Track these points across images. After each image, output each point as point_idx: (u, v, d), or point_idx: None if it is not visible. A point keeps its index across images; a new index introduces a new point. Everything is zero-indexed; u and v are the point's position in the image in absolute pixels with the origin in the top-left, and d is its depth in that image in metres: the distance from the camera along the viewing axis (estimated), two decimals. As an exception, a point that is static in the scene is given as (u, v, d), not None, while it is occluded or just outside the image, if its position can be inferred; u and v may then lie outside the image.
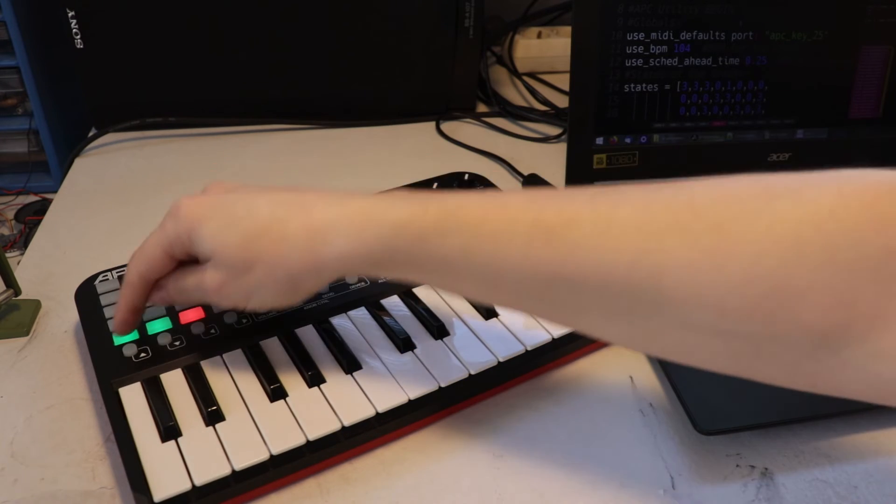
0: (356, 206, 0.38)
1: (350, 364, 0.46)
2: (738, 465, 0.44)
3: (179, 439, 0.42)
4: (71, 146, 0.79)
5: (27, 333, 0.53)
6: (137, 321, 0.46)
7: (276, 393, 0.44)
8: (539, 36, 0.98)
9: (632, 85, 0.67)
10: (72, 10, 0.73)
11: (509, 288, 0.36)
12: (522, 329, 0.49)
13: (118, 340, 0.48)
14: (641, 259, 0.32)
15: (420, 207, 0.37)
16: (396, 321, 0.50)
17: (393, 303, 0.51)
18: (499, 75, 0.96)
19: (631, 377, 0.50)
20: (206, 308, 0.50)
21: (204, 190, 0.44)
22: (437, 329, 0.49)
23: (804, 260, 0.29)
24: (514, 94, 0.92)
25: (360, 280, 0.52)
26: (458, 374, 0.46)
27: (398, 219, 0.37)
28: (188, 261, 0.43)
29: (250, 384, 0.45)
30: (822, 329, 0.30)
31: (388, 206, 0.37)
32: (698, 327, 0.32)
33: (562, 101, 0.87)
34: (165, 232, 0.42)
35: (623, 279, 0.32)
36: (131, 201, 0.70)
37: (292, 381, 0.45)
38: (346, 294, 0.51)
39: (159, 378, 0.45)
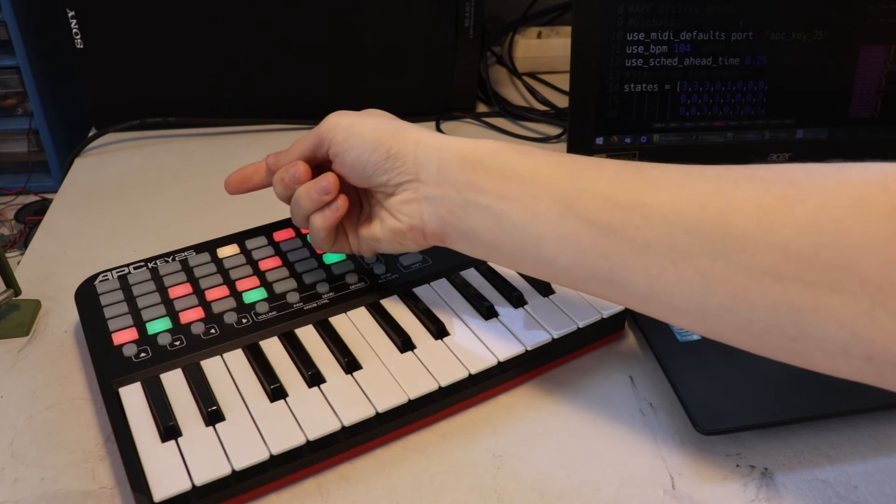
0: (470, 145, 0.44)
1: (350, 364, 0.46)
2: (738, 465, 0.44)
3: (179, 439, 0.42)
4: (71, 146, 0.79)
5: (27, 333, 0.53)
6: (260, 182, 0.53)
7: (276, 393, 0.44)
8: (539, 36, 0.98)
9: (632, 85, 0.67)
10: (72, 10, 0.73)
11: (585, 208, 0.38)
12: (522, 329, 0.49)
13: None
14: (715, 197, 0.35)
15: (512, 144, 0.43)
16: (396, 321, 0.50)
17: (393, 303, 0.51)
18: (499, 75, 0.96)
19: (631, 377, 0.50)
20: (206, 308, 0.50)
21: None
22: (437, 329, 0.49)
23: (867, 213, 0.31)
24: (514, 94, 0.92)
25: (361, 280, 0.52)
26: (458, 374, 0.46)
27: (495, 146, 0.43)
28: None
29: (250, 384, 0.45)
30: (881, 285, 0.30)
31: (495, 138, 0.43)
32: (762, 270, 0.33)
33: (562, 101, 0.87)
34: (307, 140, 0.48)
35: (695, 215, 0.35)
36: (131, 201, 0.70)
37: (292, 381, 0.45)
38: (346, 294, 0.51)
39: (159, 378, 0.45)
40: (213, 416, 0.43)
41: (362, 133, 0.45)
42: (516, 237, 0.41)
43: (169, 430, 0.42)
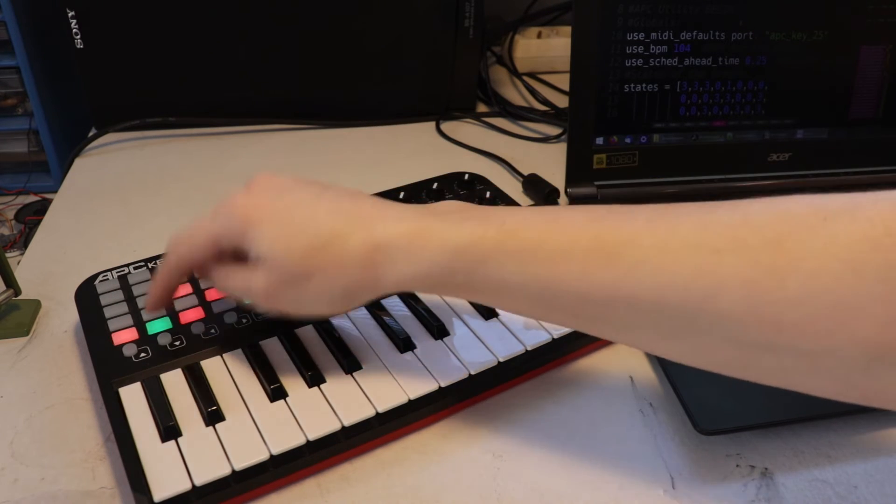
0: (415, 225, 0.39)
1: (350, 364, 0.46)
2: (738, 465, 0.44)
3: (179, 439, 0.42)
4: (71, 146, 0.79)
5: (27, 333, 0.53)
6: (168, 301, 0.47)
7: (276, 393, 0.44)
8: (539, 36, 0.98)
9: (632, 85, 0.67)
10: (72, 10, 0.73)
11: (565, 308, 0.37)
12: (522, 329, 0.49)
13: (149, 325, 0.48)
14: (698, 279, 0.33)
15: (480, 229, 0.38)
16: (396, 321, 0.50)
17: (393, 303, 0.51)
18: (499, 75, 0.96)
19: (631, 377, 0.50)
20: (206, 308, 0.50)
21: (252, 183, 0.42)
22: (437, 329, 0.49)
23: (861, 276, 0.30)
24: (514, 94, 0.92)
25: (360, 280, 0.52)
26: (458, 374, 0.46)
27: (458, 242, 0.38)
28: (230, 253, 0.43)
29: (250, 384, 0.45)
30: (878, 344, 0.30)
31: (448, 227, 0.38)
32: (753, 344, 0.32)
33: (562, 101, 0.87)
34: (217, 225, 0.42)
35: (679, 298, 0.33)
36: (131, 201, 0.70)
37: (292, 381, 0.45)
38: (346, 294, 0.51)
39: (159, 378, 0.45)
40: (213, 416, 0.43)
41: (312, 312, 0.42)
42: (502, 309, 0.41)
43: (169, 430, 0.42)
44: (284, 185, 0.42)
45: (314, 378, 0.45)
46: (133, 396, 0.44)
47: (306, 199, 0.41)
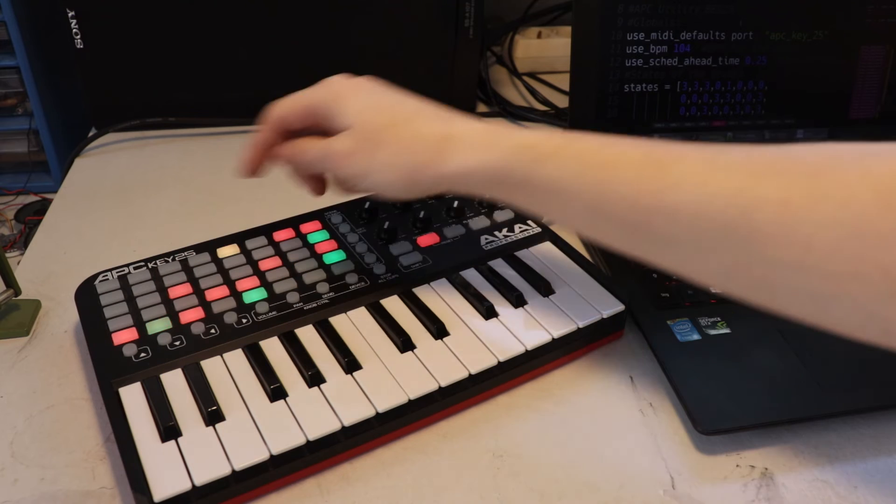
0: (487, 126, 0.43)
1: (350, 364, 0.46)
2: (738, 465, 0.44)
3: (179, 439, 0.42)
4: (71, 146, 0.79)
5: (27, 333, 0.53)
6: (261, 161, 0.51)
7: (276, 393, 0.44)
8: (539, 36, 0.98)
9: (632, 85, 0.67)
10: (72, 10, 0.73)
11: (612, 214, 0.39)
12: (522, 329, 0.49)
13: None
14: (738, 195, 0.35)
15: (544, 136, 0.41)
16: (396, 321, 0.50)
17: (393, 303, 0.51)
18: (499, 75, 0.96)
19: (631, 377, 0.50)
20: (206, 308, 0.50)
21: (347, 77, 0.48)
22: (437, 329, 0.49)
23: (890, 208, 0.31)
24: (514, 94, 0.92)
25: (361, 280, 0.52)
26: (458, 374, 0.46)
27: (523, 141, 0.41)
28: (315, 132, 0.48)
29: (250, 384, 0.45)
30: None
31: (516, 131, 0.42)
32: (783, 262, 0.34)
33: (562, 101, 0.87)
34: (314, 93, 0.47)
35: (718, 212, 0.35)
36: (131, 201, 0.70)
37: (292, 381, 0.45)
38: (346, 294, 0.51)
39: (159, 378, 0.45)
40: (213, 416, 0.43)
41: (378, 183, 0.45)
42: (551, 217, 0.43)
43: (169, 430, 0.42)
44: (382, 81, 0.48)
45: (314, 378, 0.45)
46: (133, 396, 0.44)
47: (399, 92, 0.46)
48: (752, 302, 0.37)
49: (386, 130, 0.44)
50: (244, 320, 0.49)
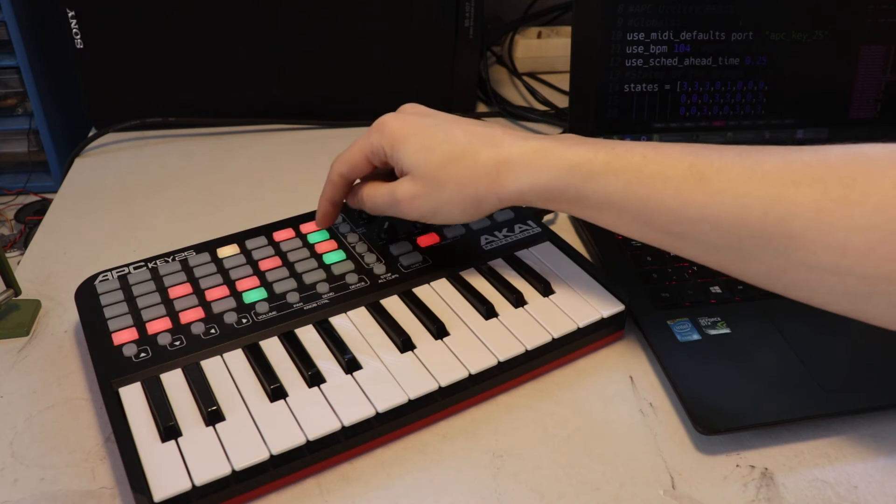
0: (537, 145, 0.45)
1: (350, 364, 0.46)
2: (738, 465, 0.44)
3: (179, 439, 0.42)
4: (71, 146, 0.79)
5: (27, 333, 0.53)
6: (336, 215, 0.56)
7: (276, 393, 0.44)
8: (539, 36, 0.98)
9: (632, 85, 0.67)
10: (72, 10, 0.73)
11: (659, 225, 0.42)
12: (522, 329, 0.49)
13: (315, 236, 0.55)
14: (776, 204, 0.37)
15: (592, 151, 0.44)
16: (396, 321, 0.50)
17: (393, 303, 0.51)
18: (499, 75, 0.96)
19: (631, 377, 0.50)
20: (206, 308, 0.50)
21: (400, 110, 0.51)
22: (437, 329, 0.49)
23: None
24: (514, 94, 0.92)
25: (361, 280, 0.52)
26: (458, 374, 0.46)
27: (573, 160, 0.44)
28: (382, 170, 0.52)
29: (250, 384, 0.45)
30: None
31: (565, 148, 0.44)
32: (820, 266, 0.37)
33: (562, 101, 0.87)
34: (370, 141, 0.50)
35: (758, 221, 0.38)
36: (131, 201, 0.70)
37: (292, 381, 0.45)
38: (346, 294, 0.51)
39: (159, 378, 0.45)
40: (213, 416, 0.43)
41: (446, 217, 0.48)
42: (603, 225, 0.46)
43: (169, 430, 0.42)
44: (427, 110, 0.51)
45: (314, 378, 0.45)
46: (133, 396, 0.44)
47: (446, 122, 0.49)
48: (793, 299, 0.40)
49: (443, 169, 0.46)
50: (244, 320, 0.49)
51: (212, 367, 0.46)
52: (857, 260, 0.35)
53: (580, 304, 0.51)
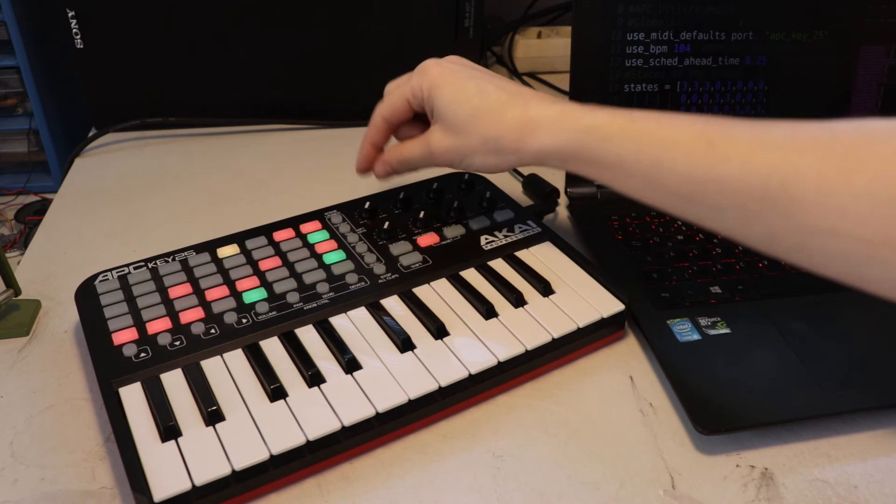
0: (560, 108, 0.48)
1: (350, 364, 0.46)
2: (738, 465, 0.44)
3: (179, 439, 0.42)
4: (71, 146, 0.79)
5: (27, 333, 0.53)
6: (374, 160, 0.58)
7: (276, 393, 0.44)
8: (539, 36, 0.98)
9: (632, 85, 0.67)
10: (72, 10, 0.73)
11: (667, 186, 0.44)
12: (522, 329, 0.49)
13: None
14: (780, 168, 0.39)
15: (610, 115, 0.46)
16: (396, 321, 0.50)
17: (393, 303, 0.51)
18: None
19: (631, 377, 0.50)
20: (206, 308, 0.50)
21: (441, 59, 0.54)
22: (437, 329, 0.49)
23: None
24: (514, 94, 0.91)
25: (361, 280, 0.52)
26: (458, 374, 0.46)
27: (592, 122, 0.46)
28: (419, 115, 0.56)
29: (250, 384, 0.45)
30: None
31: (586, 112, 0.47)
32: (820, 229, 0.38)
33: (562, 101, 0.87)
34: (411, 83, 0.54)
35: (761, 184, 0.39)
36: (131, 201, 0.70)
37: (292, 381, 0.45)
38: (346, 294, 0.51)
39: (159, 378, 0.45)
40: (213, 416, 0.43)
41: (472, 164, 0.52)
42: (616, 188, 0.48)
43: (169, 430, 0.42)
44: (468, 62, 0.54)
45: (314, 378, 0.45)
46: (133, 396, 0.44)
47: (482, 76, 0.52)
48: (792, 263, 0.41)
49: (471, 122, 0.50)
50: (244, 320, 0.49)
51: (212, 367, 0.46)
52: (854, 223, 0.37)
53: (580, 304, 0.51)
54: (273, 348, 0.48)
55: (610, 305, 0.51)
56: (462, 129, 0.50)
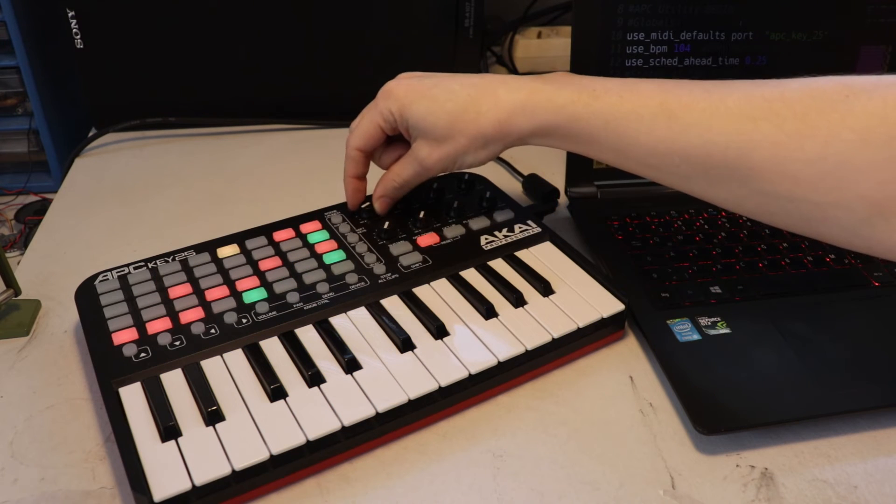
0: (528, 90, 0.49)
1: (350, 364, 0.46)
2: (738, 465, 0.44)
3: (179, 439, 0.42)
4: (71, 146, 0.79)
5: (27, 333, 0.53)
6: (364, 190, 0.59)
7: (276, 393, 0.44)
8: (539, 36, 0.98)
9: (632, 85, 0.67)
10: (72, 10, 0.73)
11: (635, 157, 0.47)
12: (522, 329, 0.49)
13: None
14: (736, 138, 0.41)
15: (575, 94, 0.48)
16: (396, 321, 0.50)
17: (393, 303, 0.51)
18: (499, 75, 0.96)
19: (631, 377, 0.50)
20: (206, 308, 0.50)
21: (397, 78, 0.55)
22: (437, 329, 0.49)
23: (867, 144, 0.37)
24: (514, 94, 0.91)
25: (361, 280, 0.52)
26: (458, 374, 0.46)
27: (559, 103, 0.48)
28: (393, 137, 0.56)
29: (250, 384, 0.45)
30: (877, 200, 0.38)
31: (553, 92, 0.49)
32: (777, 194, 0.40)
33: (562, 101, 0.87)
34: (379, 109, 0.54)
35: (721, 154, 0.42)
36: (131, 201, 0.70)
37: (292, 381, 0.45)
38: (346, 294, 0.51)
39: (159, 378, 0.45)
40: (213, 416, 0.43)
41: (464, 163, 0.53)
42: (592, 157, 0.51)
43: (169, 430, 0.42)
44: (421, 73, 0.55)
45: (314, 378, 0.45)
46: (133, 396, 0.44)
47: (441, 79, 0.53)
48: (760, 221, 0.44)
49: (452, 126, 0.51)
50: (244, 320, 0.49)
51: (212, 367, 0.46)
52: (808, 189, 0.39)
53: (580, 304, 0.51)
54: (273, 348, 0.48)
55: (610, 305, 0.51)
56: (446, 136, 0.51)
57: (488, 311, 0.50)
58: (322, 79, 0.81)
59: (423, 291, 0.52)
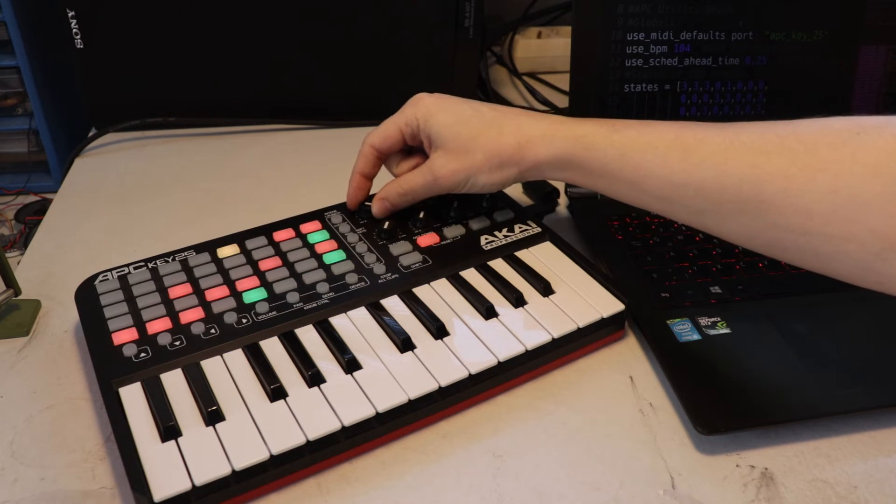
0: (549, 122, 0.51)
1: (350, 364, 0.46)
2: (738, 465, 0.44)
3: (179, 439, 0.42)
4: (71, 146, 0.79)
5: (27, 333, 0.53)
6: (368, 189, 0.59)
7: (276, 393, 0.44)
8: (539, 36, 0.98)
9: (632, 85, 0.67)
10: (72, 10, 0.73)
11: (649, 190, 0.47)
12: (522, 329, 0.49)
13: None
14: (750, 172, 0.42)
15: (595, 126, 0.49)
16: (396, 321, 0.50)
17: (393, 303, 0.51)
18: (499, 75, 0.96)
19: (631, 377, 0.50)
20: (206, 308, 0.50)
21: (428, 94, 0.56)
22: (437, 329, 0.49)
23: (878, 177, 0.38)
24: (514, 94, 0.92)
25: (361, 280, 0.52)
26: (458, 374, 0.46)
27: (578, 132, 0.50)
28: (413, 146, 0.57)
29: (250, 384, 0.45)
30: (888, 233, 0.38)
31: (573, 125, 0.50)
32: (790, 227, 0.41)
33: (562, 101, 0.87)
34: (405, 114, 0.55)
35: (735, 187, 0.42)
36: (131, 201, 0.70)
37: (292, 381, 0.45)
38: (346, 294, 0.51)
39: (159, 378, 0.45)
40: (213, 416, 0.43)
41: (476, 184, 0.53)
42: (604, 192, 0.51)
43: (169, 430, 0.42)
44: (456, 99, 0.55)
45: (314, 378, 0.45)
46: (133, 396, 0.44)
47: (471, 101, 0.54)
48: (771, 257, 0.44)
49: (474, 140, 0.52)
50: (244, 320, 0.49)
51: (212, 367, 0.46)
52: (821, 222, 0.39)
53: (580, 304, 0.51)
54: (273, 348, 0.48)
55: (610, 305, 0.51)
56: (466, 147, 0.52)
57: (488, 311, 0.50)
58: (322, 79, 0.81)
59: (423, 291, 0.52)
